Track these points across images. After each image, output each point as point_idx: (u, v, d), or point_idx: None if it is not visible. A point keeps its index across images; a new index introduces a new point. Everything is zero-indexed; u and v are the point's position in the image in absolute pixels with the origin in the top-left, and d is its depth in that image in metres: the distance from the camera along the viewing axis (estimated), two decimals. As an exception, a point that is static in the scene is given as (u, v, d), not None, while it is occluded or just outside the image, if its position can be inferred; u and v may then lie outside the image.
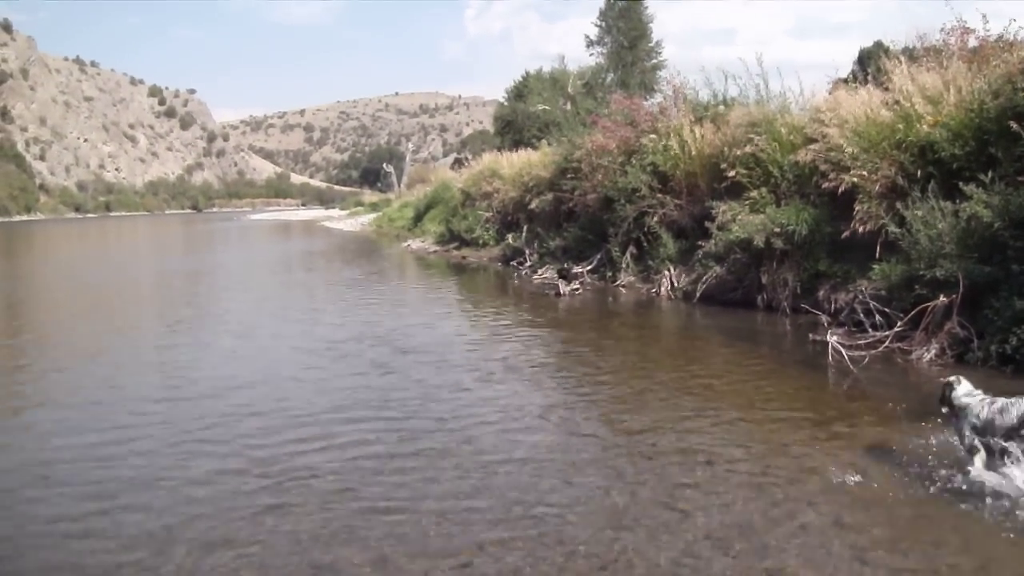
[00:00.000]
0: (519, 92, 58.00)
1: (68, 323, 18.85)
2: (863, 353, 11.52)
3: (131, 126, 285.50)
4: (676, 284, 19.05)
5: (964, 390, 7.27)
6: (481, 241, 33.56)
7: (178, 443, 8.59)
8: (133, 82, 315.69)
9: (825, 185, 15.25)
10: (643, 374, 11.63)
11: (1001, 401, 6.98)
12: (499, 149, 47.57)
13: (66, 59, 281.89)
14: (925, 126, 13.92)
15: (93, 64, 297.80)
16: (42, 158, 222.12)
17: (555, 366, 12.55)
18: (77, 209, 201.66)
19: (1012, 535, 5.96)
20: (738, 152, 18.05)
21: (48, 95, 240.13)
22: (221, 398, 10.51)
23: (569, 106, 51.33)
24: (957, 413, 7.23)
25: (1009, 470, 6.63)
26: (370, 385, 11.02)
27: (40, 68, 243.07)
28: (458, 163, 77.19)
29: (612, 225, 21.58)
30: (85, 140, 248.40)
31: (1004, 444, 6.74)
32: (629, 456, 7.94)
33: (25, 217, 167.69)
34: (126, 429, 9.14)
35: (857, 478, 7.01)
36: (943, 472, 6.98)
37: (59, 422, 9.65)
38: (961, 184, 12.31)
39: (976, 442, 6.93)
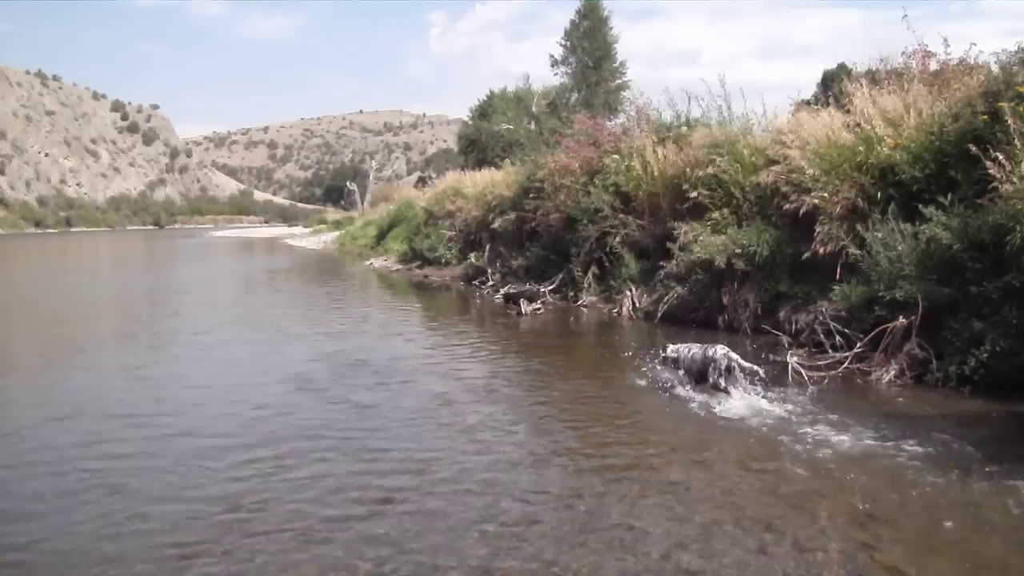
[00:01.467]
0: (483, 111, 58.04)
1: (14, 343, 18.62)
2: (823, 374, 11.56)
3: (93, 141, 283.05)
4: (638, 304, 19.02)
5: (675, 349, 11.44)
6: (444, 260, 33.37)
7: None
8: (95, 96, 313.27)
9: (786, 207, 15.29)
10: (600, 395, 11.60)
11: (692, 349, 11.16)
12: (463, 168, 47.61)
13: (27, 72, 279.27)
14: (886, 148, 14.04)
15: (55, 78, 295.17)
16: (2, 172, 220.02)
17: (513, 386, 12.48)
18: (37, 224, 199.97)
19: (715, 420, 9.99)
20: (700, 173, 18.11)
21: (8, 108, 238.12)
22: (163, 426, 10.33)
23: (533, 125, 51.41)
24: (668, 362, 11.50)
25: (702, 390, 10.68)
26: (333, 415, 10.84)
27: (1, 81, 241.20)
28: (422, 181, 77.21)
29: (574, 245, 21.54)
30: (46, 155, 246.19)
31: (708, 378, 10.67)
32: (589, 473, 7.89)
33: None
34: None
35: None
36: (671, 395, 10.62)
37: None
38: (921, 206, 12.47)
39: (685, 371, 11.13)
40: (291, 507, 7.16)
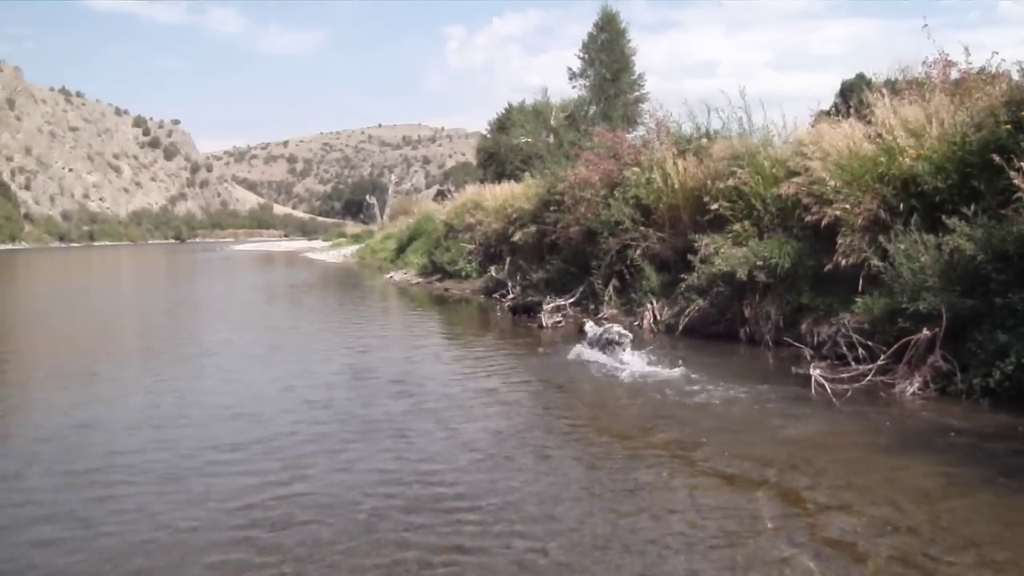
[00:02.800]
0: (502, 124, 58.09)
1: (42, 355, 18.68)
2: (846, 386, 11.46)
3: (115, 156, 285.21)
4: (659, 317, 18.94)
5: (589, 327, 16.02)
6: (463, 273, 33.34)
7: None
8: (118, 112, 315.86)
9: (808, 218, 15.19)
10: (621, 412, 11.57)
11: (599, 328, 15.53)
12: (482, 181, 47.70)
13: (52, 89, 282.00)
14: (907, 159, 13.92)
15: (78, 95, 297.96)
16: (27, 187, 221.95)
17: (532, 402, 12.43)
18: (61, 238, 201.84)
19: (614, 379, 13.46)
20: (721, 185, 18.05)
21: (34, 125, 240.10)
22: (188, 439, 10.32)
23: (552, 138, 51.41)
24: (586, 338, 15.55)
25: (606, 357, 14.44)
26: (359, 431, 10.83)
27: (26, 99, 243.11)
28: (441, 195, 77.27)
29: (595, 258, 21.49)
30: (70, 170, 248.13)
31: (604, 346, 14.76)
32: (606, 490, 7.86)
33: (9, 246, 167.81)
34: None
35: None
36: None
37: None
38: (944, 217, 12.31)
39: (590, 344, 15.22)
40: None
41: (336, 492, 7.94)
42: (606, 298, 21.05)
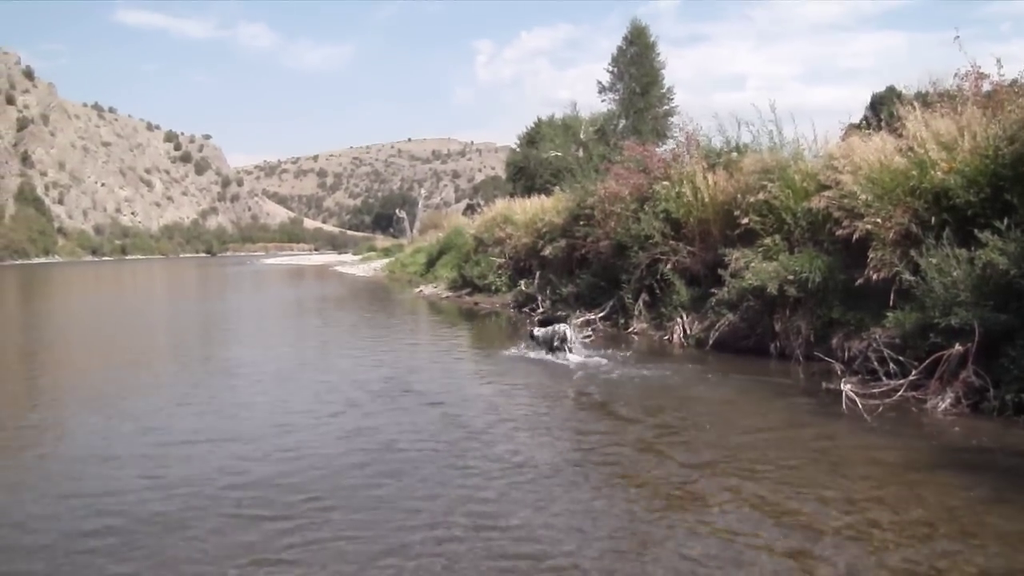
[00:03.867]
0: (531, 138, 58.13)
1: (80, 370, 18.82)
2: (877, 402, 11.40)
3: (147, 171, 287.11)
4: (689, 331, 18.91)
5: (540, 330, 17.57)
6: (493, 287, 33.39)
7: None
8: (150, 127, 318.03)
9: (839, 232, 15.13)
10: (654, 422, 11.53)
11: (547, 329, 17.33)
12: (511, 195, 47.65)
13: (85, 105, 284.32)
14: (939, 172, 13.80)
15: (111, 110, 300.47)
16: (61, 202, 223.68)
17: (562, 419, 12.43)
18: (94, 252, 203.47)
19: (563, 371, 15.78)
20: (751, 199, 18.00)
21: (67, 140, 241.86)
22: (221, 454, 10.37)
23: (581, 152, 51.39)
24: (535, 337, 17.39)
25: (556, 356, 16.59)
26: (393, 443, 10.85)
27: (60, 114, 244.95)
28: (470, 209, 77.36)
29: (625, 272, 21.48)
30: (102, 184, 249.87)
31: (554, 346, 16.77)
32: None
33: (43, 259, 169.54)
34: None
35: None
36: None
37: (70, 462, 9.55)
38: (976, 231, 12.23)
39: (541, 344, 17.11)
40: None
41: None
42: (636, 312, 21.04)
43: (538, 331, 17.61)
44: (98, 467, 9.53)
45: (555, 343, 16.89)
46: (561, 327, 17.22)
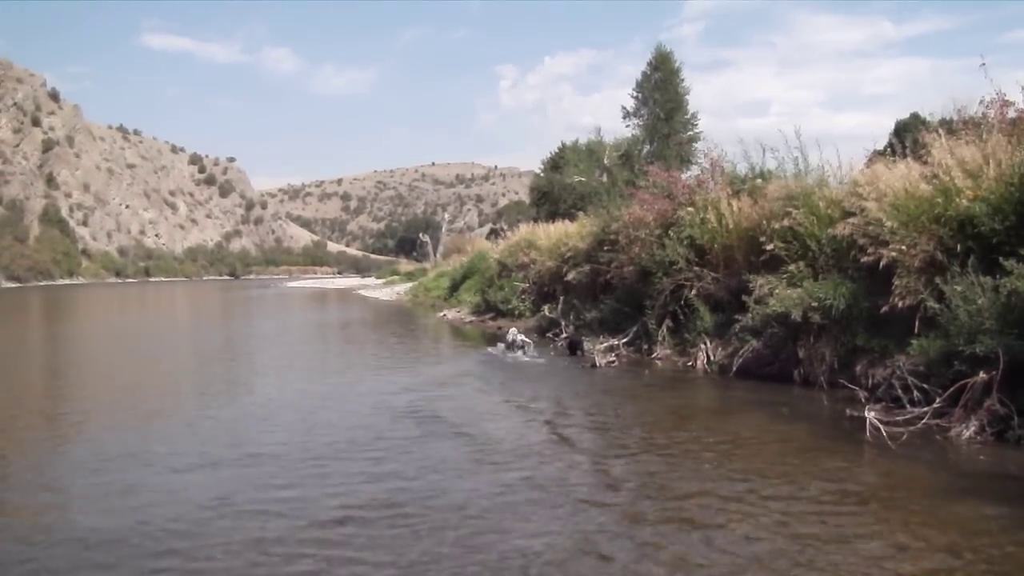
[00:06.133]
0: (555, 163, 58.25)
1: (103, 393, 18.95)
2: (901, 429, 11.38)
3: (171, 193, 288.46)
4: (712, 357, 18.91)
5: (511, 333, 23.30)
6: (517, 312, 33.42)
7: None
8: (174, 150, 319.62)
9: (863, 259, 15.17)
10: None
11: (511, 334, 23.25)
12: (535, 220, 47.74)
13: (110, 127, 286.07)
14: (964, 200, 13.81)
15: (136, 132, 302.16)
16: (85, 223, 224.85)
17: (585, 442, 12.46)
18: (118, 274, 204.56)
19: (519, 365, 21.20)
20: (776, 225, 18.02)
21: (92, 162, 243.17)
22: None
23: (605, 178, 51.43)
24: (505, 341, 23.06)
25: (515, 355, 22.03)
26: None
27: (85, 136, 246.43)
28: (494, 233, 77.42)
29: (649, 298, 21.47)
30: (127, 206, 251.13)
31: (514, 348, 22.39)
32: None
33: (67, 281, 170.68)
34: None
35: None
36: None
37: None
38: (1001, 259, 12.21)
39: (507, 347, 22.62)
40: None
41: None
42: (660, 338, 21.03)
43: (510, 333, 23.60)
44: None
45: (515, 345, 22.63)
46: (518, 337, 23.11)
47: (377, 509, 8.63)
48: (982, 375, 11.32)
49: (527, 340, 23.03)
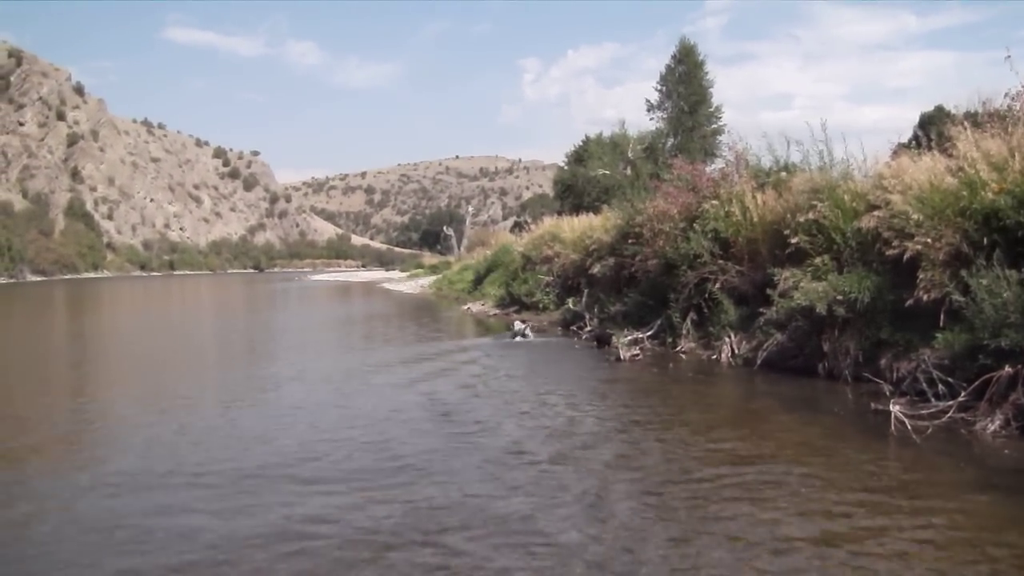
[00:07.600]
0: (579, 156, 58.29)
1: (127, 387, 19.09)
2: (926, 423, 11.38)
3: (196, 187, 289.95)
4: (737, 351, 18.91)
5: (517, 324, 26.41)
6: (541, 305, 33.49)
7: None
8: (198, 144, 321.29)
9: (888, 252, 15.09)
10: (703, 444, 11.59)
11: (517, 325, 26.34)
12: (559, 213, 47.74)
13: (134, 121, 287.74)
14: (990, 193, 13.74)
15: (160, 126, 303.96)
16: (110, 217, 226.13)
17: (606, 440, 12.49)
18: (142, 267, 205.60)
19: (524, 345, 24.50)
20: (800, 218, 17.95)
21: (117, 156, 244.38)
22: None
23: (629, 171, 51.40)
24: (512, 329, 26.27)
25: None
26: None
27: (110, 130, 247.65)
28: (518, 227, 77.42)
29: (673, 291, 21.50)
30: (151, 200, 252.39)
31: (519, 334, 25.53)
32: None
33: (92, 274, 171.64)
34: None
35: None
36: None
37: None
38: (1026, 252, 12.18)
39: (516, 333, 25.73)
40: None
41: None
42: (684, 331, 21.04)
43: (516, 324, 26.68)
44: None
45: (519, 333, 25.66)
46: (522, 324, 26.47)
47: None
48: (1007, 369, 11.30)
49: (528, 333, 25.64)
